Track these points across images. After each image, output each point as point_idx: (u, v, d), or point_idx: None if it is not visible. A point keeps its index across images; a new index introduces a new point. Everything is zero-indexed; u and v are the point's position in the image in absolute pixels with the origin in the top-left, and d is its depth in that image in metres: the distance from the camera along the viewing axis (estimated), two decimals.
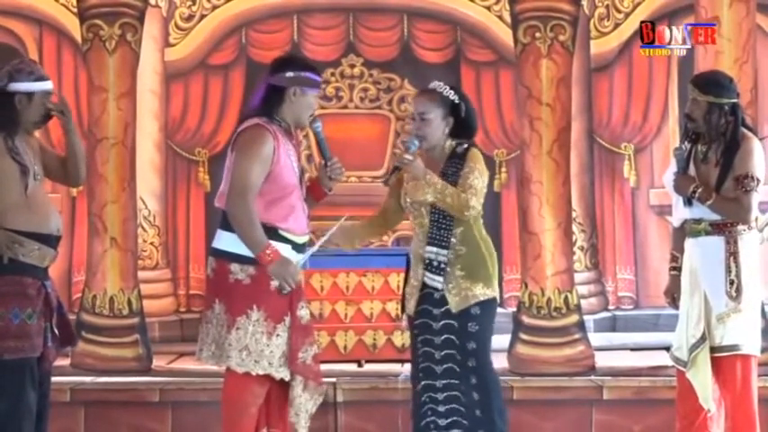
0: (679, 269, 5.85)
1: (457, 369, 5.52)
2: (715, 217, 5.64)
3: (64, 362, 7.17)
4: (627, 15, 8.72)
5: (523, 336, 7.60)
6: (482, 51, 8.86)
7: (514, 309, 7.79)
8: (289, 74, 5.35)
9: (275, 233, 5.26)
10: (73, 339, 5.85)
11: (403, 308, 5.73)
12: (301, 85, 5.34)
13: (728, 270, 5.62)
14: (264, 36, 8.86)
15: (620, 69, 8.78)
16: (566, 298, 7.62)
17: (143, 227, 8.63)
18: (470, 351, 5.52)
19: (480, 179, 5.54)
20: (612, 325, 8.74)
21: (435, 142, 5.61)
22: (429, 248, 5.54)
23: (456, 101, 5.60)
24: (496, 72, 8.84)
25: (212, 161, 8.70)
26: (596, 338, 8.03)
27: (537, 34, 7.65)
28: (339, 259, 7.96)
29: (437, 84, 5.66)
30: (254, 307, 5.24)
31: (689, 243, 5.76)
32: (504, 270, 8.43)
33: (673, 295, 5.91)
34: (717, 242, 5.64)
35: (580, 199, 8.63)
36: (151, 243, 8.79)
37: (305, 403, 5.35)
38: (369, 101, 8.97)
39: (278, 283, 5.23)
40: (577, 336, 7.63)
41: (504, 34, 8.59)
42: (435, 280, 5.52)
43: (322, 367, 5.49)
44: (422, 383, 5.58)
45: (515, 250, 8.17)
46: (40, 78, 5.51)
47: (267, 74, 5.44)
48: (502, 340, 7.18)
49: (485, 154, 5.80)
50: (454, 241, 5.53)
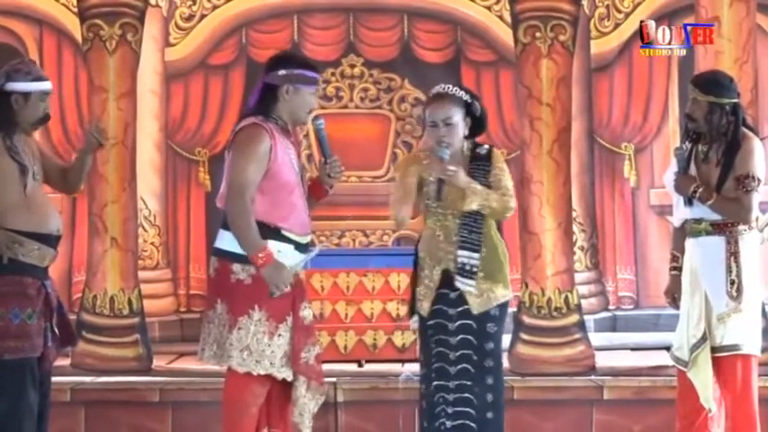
0: (679, 269, 5.84)
1: (471, 370, 5.51)
2: (716, 217, 5.64)
3: (64, 362, 7.16)
4: (627, 15, 8.71)
5: (524, 335, 7.60)
6: (482, 51, 8.85)
7: (515, 309, 7.78)
8: (282, 72, 5.33)
9: (278, 233, 5.25)
10: (73, 339, 5.84)
11: (411, 309, 5.68)
12: (294, 83, 5.31)
13: (729, 270, 5.61)
14: (265, 36, 8.85)
15: (620, 69, 8.78)
16: (566, 298, 7.62)
17: (143, 227, 8.63)
18: (488, 351, 5.55)
19: (510, 180, 5.59)
20: (613, 325, 8.73)
21: (458, 145, 5.56)
22: (462, 252, 5.49)
23: (469, 100, 5.55)
24: (497, 72, 8.83)
25: (212, 161, 8.68)
26: (596, 338, 8.02)
27: (537, 34, 7.64)
28: (339, 259, 7.96)
29: (446, 87, 5.57)
30: (255, 307, 5.23)
31: (689, 243, 5.75)
32: None
33: (673, 295, 5.91)
34: (717, 242, 5.64)
35: (580, 199, 8.62)
36: (151, 243, 8.78)
37: (308, 403, 5.35)
38: (369, 101, 8.96)
39: (270, 287, 5.22)
40: (578, 336, 7.62)
41: (504, 34, 8.58)
42: (468, 284, 5.50)
43: (322, 367, 5.48)
44: (434, 384, 5.54)
45: (516, 250, 8.15)
46: (38, 78, 5.50)
47: (263, 72, 5.44)
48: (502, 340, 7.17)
49: None
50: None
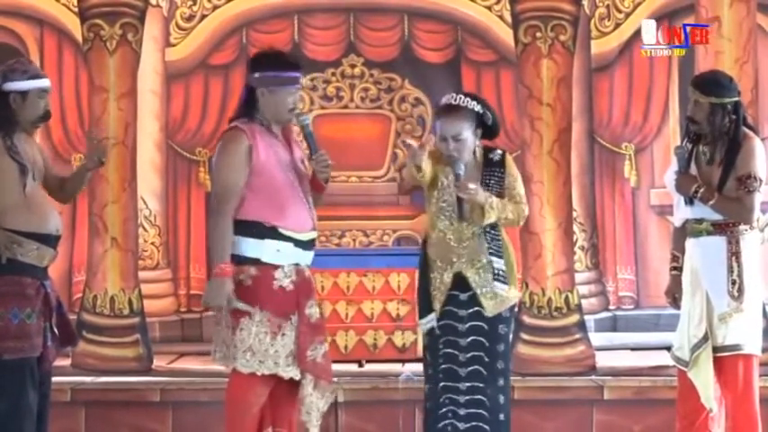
0: (680, 269, 5.83)
1: (483, 372, 5.50)
2: (717, 217, 5.63)
3: (64, 362, 7.16)
4: (627, 15, 8.70)
5: (524, 335, 7.59)
6: (483, 51, 8.85)
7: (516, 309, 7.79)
8: (255, 74, 5.34)
9: (275, 231, 5.24)
10: (73, 339, 5.83)
11: (421, 309, 5.66)
12: (268, 86, 5.30)
13: (731, 270, 5.60)
14: (265, 36, 8.84)
15: (620, 69, 8.77)
16: (566, 298, 7.62)
17: (144, 227, 8.63)
18: (500, 353, 5.54)
19: (522, 186, 5.67)
20: (613, 325, 8.73)
21: (470, 155, 5.58)
22: (494, 259, 5.55)
23: (480, 111, 5.53)
24: (497, 72, 8.83)
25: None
26: (597, 338, 8.02)
27: (538, 34, 7.64)
28: (340, 259, 7.97)
29: (458, 98, 5.54)
30: (256, 308, 5.22)
31: (690, 243, 5.74)
32: None
33: (674, 295, 5.90)
34: (718, 242, 5.63)
35: (581, 199, 8.61)
36: (152, 243, 8.78)
37: (316, 402, 5.33)
38: (369, 101, 8.96)
39: (203, 297, 5.29)
40: (578, 336, 7.63)
41: (504, 34, 8.58)
42: (504, 289, 5.55)
43: (332, 365, 5.47)
44: (441, 384, 5.52)
45: (516, 250, 8.14)
46: (35, 76, 5.50)
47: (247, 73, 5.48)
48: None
49: None
50: None
